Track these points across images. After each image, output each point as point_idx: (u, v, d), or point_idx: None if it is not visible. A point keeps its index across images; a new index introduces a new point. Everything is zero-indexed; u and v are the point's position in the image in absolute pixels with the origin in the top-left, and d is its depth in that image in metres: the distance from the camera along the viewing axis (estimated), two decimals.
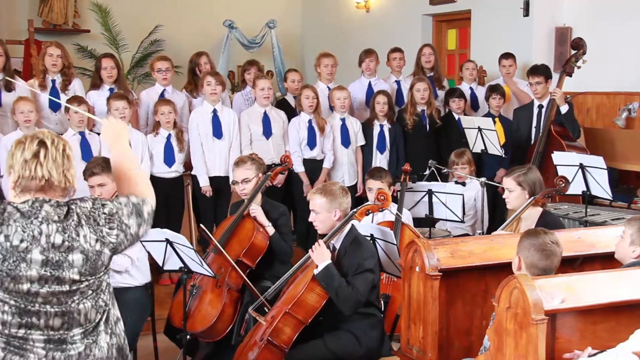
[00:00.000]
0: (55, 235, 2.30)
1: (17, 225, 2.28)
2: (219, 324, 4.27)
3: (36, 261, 2.28)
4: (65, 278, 2.32)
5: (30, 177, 2.35)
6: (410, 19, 9.31)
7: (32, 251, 2.28)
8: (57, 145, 2.42)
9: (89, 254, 2.35)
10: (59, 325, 2.34)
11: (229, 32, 10.26)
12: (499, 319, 2.89)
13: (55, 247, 2.30)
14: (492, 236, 3.96)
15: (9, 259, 2.26)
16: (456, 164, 5.98)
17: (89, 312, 2.40)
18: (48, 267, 2.29)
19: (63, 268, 2.31)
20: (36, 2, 9.50)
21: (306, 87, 6.46)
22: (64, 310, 2.34)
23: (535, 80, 6.46)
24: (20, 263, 2.26)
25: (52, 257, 2.30)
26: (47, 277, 2.30)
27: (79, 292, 2.36)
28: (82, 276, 2.35)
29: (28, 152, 2.36)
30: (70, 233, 2.33)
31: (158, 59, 6.58)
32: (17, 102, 5.59)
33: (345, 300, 3.61)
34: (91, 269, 2.37)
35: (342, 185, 4.13)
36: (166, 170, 5.89)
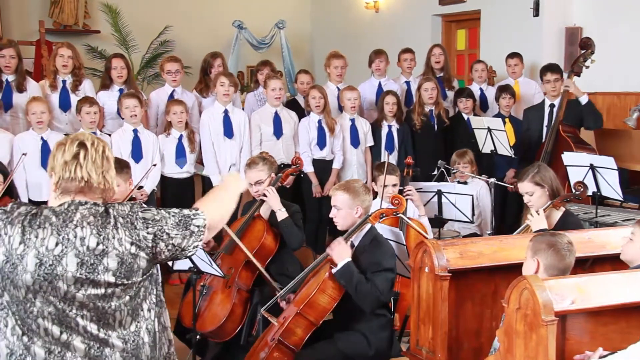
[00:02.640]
0: (90, 238, 2.28)
1: (52, 229, 2.27)
2: (229, 324, 4.28)
3: (72, 264, 2.25)
4: (101, 281, 2.28)
5: (70, 179, 2.35)
6: (420, 19, 9.30)
7: (67, 254, 2.26)
8: (96, 147, 2.41)
9: (124, 257, 2.31)
10: (96, 330, 2.31)
11: (238, 32, 10.29)
12: (508, 320, 2.89)
13: (90, 250, 2.27)
14: (502, 237, 3.95)
15: (45, 263, 2.24)
16: (458, 164, 5.98)
17: (124, 319, 2.35)
18: (83, 270, 2.26)
19: (98, 271, 2.28)
20: (47, 3, 9.56)
21: (313, 88, 6.46)
22: (100, 314, 2.31)
23: (553, 77, 6.44)
24: (57, 267, 2.24)
25: (87, 260, 2.27)
26: (83, 280, 2.27)
27: (115, 296, 2.32)
28: (117, 279, 2.31)
29: (68, 154, 2.37)
30: (105, 235, 2.30)
31: (168, 60, 6.60)
32: (29, 102, 5.63)
33: (365, 297, 3.60)
34: (126, 272, 2.32)
35: (365, 183, 4.12)
36: (177, 170, 5.91)
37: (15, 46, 6.10)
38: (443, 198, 5.40)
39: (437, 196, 5.43)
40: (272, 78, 6.40)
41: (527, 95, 7.06)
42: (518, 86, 7.08)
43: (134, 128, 5.81)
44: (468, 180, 5.95)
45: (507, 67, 7.17)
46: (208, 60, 6.79)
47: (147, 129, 6.06)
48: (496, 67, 7.70)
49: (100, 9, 9.82)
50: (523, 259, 3.20)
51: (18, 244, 2.25)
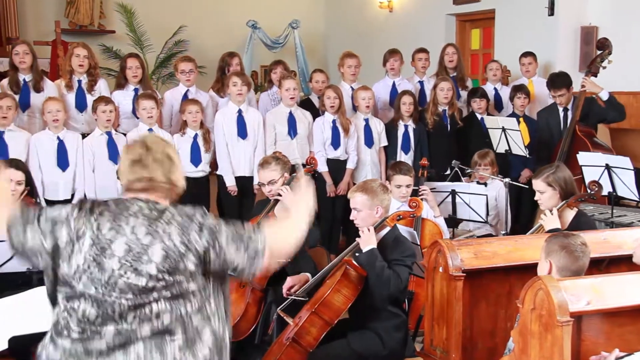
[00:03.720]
0: (140, 228, 2.35)
1: (110, 215, 2.37)
2: (243, 323, 4.29)
3: (120, 249, 2.33)
4: (143, 271, 2.32)
5: (137, 179, 2.45)
6: (434, 18, 9.28)
7: (117, 239, 2.34)
8: (160, 148, 2.50)
9: (170, 252, 2.34)
10: (131, 320, 2.35)
11: (252, 32, 10.32)
12: (523, 321, 2.88)
13: (138, 239, 2.34)
14: (517, 237, 3.94)
15: (97, 244, 2.33)
16: (479, 165, 5.96)
17: (162, 315, 2.36)
18: (129, 257, 2.32)
19: (142, 260, 2.32)
20: (63, 3, 9.63)
21: (328, 88, 6.46)
22: (137, 304, 2.34)
23: (558, 94, 6.43)
24: (106, 250, 2.33)
25: (134, 248, 2.33)
26: (127, 266, 2.32)
27: (155, 290, 2.34)
28: (159, 272, 2.33)
29: (132, 155, 2.47)
30: (155, 228, 2.35)
31: (182, 60, 6.61)
32: (46, 102, 5.67)
33: (386, 282, 3.61)
34: (170, 268, 2.33)
35: (382, 182, 4.13)
36: (192, 169, 5.93)
37: (28, 44, 6.15)
38: (457, 198, 5.39)
39: (451, 196, 5.42)
40: (286, 78, 6.40)
41: (541, 94, 7.02)
42: (532, 85, 7.05)
43: (149, 128, 5.83)
44: (488, 181, 5.93)
45: (521, 67, 7.15)
46: (226, 59, 6.80)
47: (162, 129, 6.08)
48: (510, 66, 7.67)
49: (115, 9, 9.89)
50: (538, 259, 3.19)
51: (79, 227, 2.37)
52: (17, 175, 4.36)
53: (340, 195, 6.34)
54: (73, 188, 5.66)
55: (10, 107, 5.50)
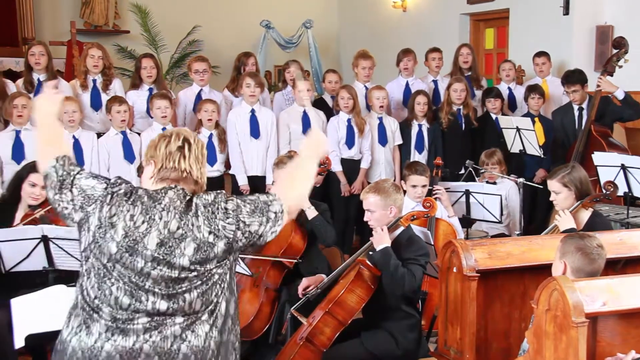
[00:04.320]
0: (172, 222, 2.40)
1: (142, 207, 2.41)
2: (257, 322, 4.30)
3: (152, 243, 2.38)
4: (176, 264, 2.39)
5: (173, 168, 2.50)
6: (448, 18, 9.26)
7: (150, 233, 2.38)
8: (198, 144, 2.59)
9: (201, 244, 2.41)
10: (165, 309, 2.40)
11: (266, 32, 10.33)
12: (538, 321, 2.86)
13: (170, 233, 2.39)
14: (531, 237, 3.92)
15: (130, 236, 2.38)
16: (486, 164, 5.93)
17: (194, 302, 2.43)
18: (162, 251, 2.38)
19: (175, 254, 2.39)
20: (78, 3, 9.69)
21: (343, 88, 6.45)
22: (170, 294, 2.40)
23: (571, 90, 6.40)
24: (139, 242, 2.37)
25: (167, 242, 2.39)
26: (160, 259, 2.38)
27: (187, 280, 2.41)
28: (192, 264, 2.40)
29: (173, 145, 2.52)
30: (186, 222, 2.41)
31: (195, 60, 6.64)
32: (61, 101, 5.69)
33: (400, 280, 3.61)
34: (202, 258, 2.42)
35: (394, 182, 4.12)
36: (207, 169, 5.92)
37: (44, 45, 6.19)
38: (471, 198, 5.37)
39: (465, 196, 5.40)
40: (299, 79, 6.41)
41: (555, 94, 6.99)
42: (546, 85, 7.02)
43: (163, 127, 5.86)
44: (497, 180, 5.90)
45: (535, 67, 7.12)
46: (242, 59, 6.81)
47: None
48: (525, 66, 7.63)
49: (129, 9, 9.93)
50: (553, 260, 3.17)
51: (112, 214, 2.40)
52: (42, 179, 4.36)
53: (354, 194, 6.34)
54: None
55: (25, 106, 5.55)
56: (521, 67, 7.63)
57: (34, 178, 4.30)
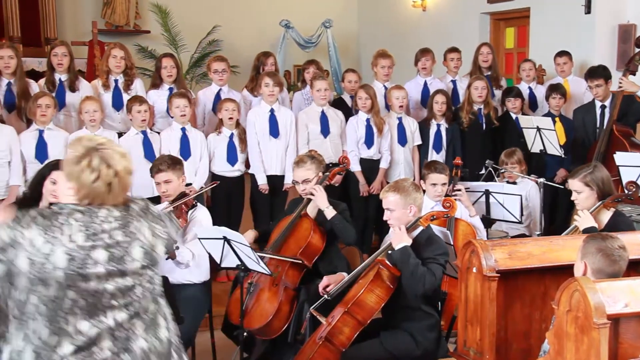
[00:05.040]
0: (115, 232, 2.39)
1: (79, 225, 2.35)
2: (276, 321, 4.31)
3: (101, 257, 2.34)
4: (128, 271, 2.40)
5: (89, 184, 2.39)
6: (468, 17, 9.22)
7: (96, 248, 2.34)
8: (108, 149, 2.45)
9: (147, 248, 2.45)
10: (126, 319, 2.39)
11: (285, 31, 10.35)
12: (559, 322, 2.84)
13: (117, 242, 2.38)
14: (552, 237, 3.89)
15: (76, 258, 2.31)
16: (506, 164, 5.89)
17: (148, 306, 2.47)
18: (113, 262, 2.36)
19: (125, 262, 2.39)
20: (99, 4, 9.77)
21: (361, 88, 6.44)
22: (127, 303, 2.40)
23: (594, 84, 6.35)
24: (87, 260, 2.32)
25: (116, 253, 2.37)
26: (113, 272, 2.36)
27: (140, 285, 2.44)
28: (143, 268, 2.44)
29: (83, 162, 2.39)
30: (130, 228, 2.42)
31: (214, 60, 6.65)
32: (83, 102, 5.75)
33: (420, 279, 3.60)
34: (151, 261, 2.46)
35: (413, 181, 4.11)
36: (229, 169, 5.97)
37: (67, 45, 6.25)
38: (491, 198, 5.34)
39: (484, 196, 5.37)
40: (318, 78, 6.40)
41: (577, 93, 6.94)
42: (567, 85, 6.96)
43: (182, 127, 5.89)
44: (517, 180, 5.87)
45: (556, 66, 7.07)
46: (261, 59, 6.82)
47: (195, 127, 6.13)
48: (546, 65, 7.58)
49: (150, 9, 10.00)
50: (574, 260, 3.15)
51: (42, 243, 2.29)
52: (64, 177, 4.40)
53: (373, 194, 6.33)
54: None
55: (49, 106, 5.60)
56: (542, 66, 7.58)
57: (55, 176, 4.34)
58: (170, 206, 4.33)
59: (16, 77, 5.97)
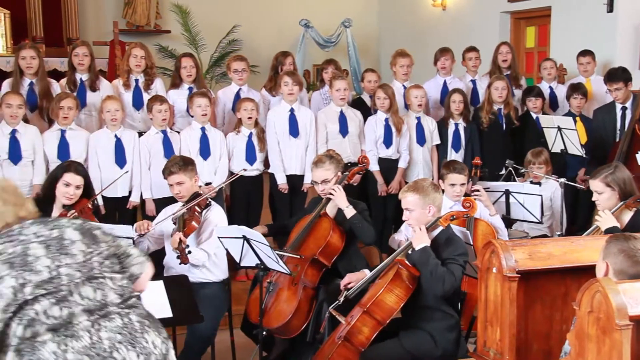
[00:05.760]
0: (39, 249, 2.41)
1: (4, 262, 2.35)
2: (295, 320, 4.32)
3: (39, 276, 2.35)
4: (73, 250, 2.43)
5: None
6: (488, 16, 9.18)
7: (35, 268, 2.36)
8: None
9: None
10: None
11: (305, 31, 10.36)
12: (580, 324, 2.82)
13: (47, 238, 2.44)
14: (573, 238, 3.86)
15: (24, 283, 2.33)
16: (532, 164, 5.85)
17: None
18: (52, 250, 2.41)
19: (64, 246, 2.43)
20: (121, 4, 9.85)
21: (379, 88, 6.44)
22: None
23: (614, 87, 6.29)
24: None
25: (51, 244, 2.42)
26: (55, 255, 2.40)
27: (88, 262, 2.45)
28: (87, 248, 2.48)
29: None
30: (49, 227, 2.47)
31: (234, 59, 6.67)
32: (104, 101, 5.80)
33: (440, 279, 3.60)
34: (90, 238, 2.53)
35: (432, 181, 4.11)
36: (247, 168, 5.99)
37: (88, 46, 6.30)
38: (511, 198, 5.32)
39: (504, 196, 5.35)
40: (336, 78, 6.40)
41: (599, 93, 6.88)
42: (590, 84, 6.91)
43: (202, 126, 5.91)
44: (542, 180, 5.82)
45: (579, 66, 7.01)
46: (279, 58, 6.84)
47: (214, 127, 6.16)
48: (567, 64, 7.53)
49: (170, 9, 10.06)
50: (595, 261, 3.12)
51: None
52: (77, 179, 4.42)
53: (391, 194, 6.33)
54: (130, 185, 5.77)
55: (72, 108, 5.64)
56: (563, 65, 7.52)
57: (67, 178, 4.38)
58: (183, 207, 4.36)
59: (38, 77, 6.03)
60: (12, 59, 7.04)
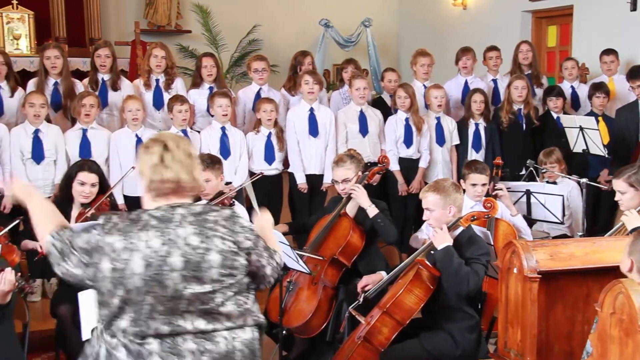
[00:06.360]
0: (192, 237, 2.35)
1: (155, 231, 2.34)
2: (314, 320, 4.32)
3: (177, 263, 2.32)
4: (205, 278, 2.36)
5: (161, 181, 2.41)
6: (509, 15, 9.13)
7: (172, 254, 2.32)
8: (179, 146, 2.45)
9: (226, 254, 2.39)
10: (204, 325, 2.38)
11: (325, 31, 10.36)
12: (602, 325, 2.80)
13: (193, 249, 2.34)
14: (595, 238, 3.83)
15: (153, 264, 2.31)
16: (544, 164, 5.81)
17: (231, 313, 2.43)
18: (189, 269, 2.33)
19: (202, 268, 2.35)
20: (142, 4, 9.91)
21: (400, 87, 6.43)
22: (207, 311, 2.38)
23: (636, 84, 6.22)
24: (163, 266, 2.32)
25: (192, 259, 2.34)
26: (189, 278, 2.33)
27: (220, 292, 2.39)
28: (221, 276, 2.38)
29: (154, 157, 2.42)
30: (205, 234, 2.37)
31: (254, 59, 6.70)
32: (126, 101, 5.84)
33: (464, 279, 3.58)
34: (229, 268, 2.40)
35: (454, 181, 4.09)
36: (266, 167, 6.00)
37: (110, 46, 6.35)
38: (532, 198, 5.28)
39: (525, 196, 5.31)
40: (357, 77, 6.40)
41: (622, 92, 6.81)
42: (613, 84, 6.85)
43: (222, 126, 5.94)
44: (558, 180, 5.78)
45: (603, 65, 6.94)
46: (298, 58, 6.86)
47: (235, 127, 6.18)
48: (589, 64, 7.46)
49: (191, 9, 10.10)
50: (618, 262, 3.08)
51: (121, 249, 2.31)
52: (91, 177, 4.44)
53: (411, 194, 6.31)
54: None
55: (93, 106, 5.69)
56: (585, 65, 7.46)
57: (82, 177, 4.40)
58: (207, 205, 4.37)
59: (62, 77, 6.09)
60: (35, 59, 7.13)
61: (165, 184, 2.42)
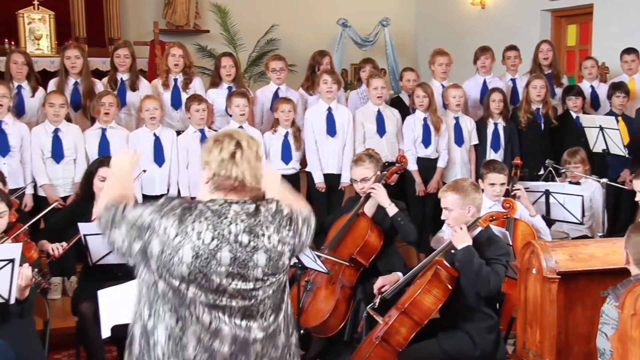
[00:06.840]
0: (242, 235, 2.36)
1: (208, 224, 2.35)
2: (332, 320, 4.33)
3: (225, 259, 2.33)
4: (250, 276, 2.37)
5: (225, 177, 2.41)
6: (528, 14, 9.07)
7: (222, 249, 2.33)
8: (251, 147, 2.45)
9: (272, 254, 2.40)
10: (239, 320, 2.39)
11: (343, 30, 10.35)
12: (623, 326, 2.78)
13: (242, 246, 2.36)
14: (615, 239, 3.81)
15: (201, 256, 2.32)
16: (568, 163, 5.76)
17: (266, 311, 2.44)
18: (235, 266, 2.35)
19: (248, 267, 2.36)
20: (161, 4, 9.96)
21: (418, 87, 6.41)
22: (247, 306, 2.39)
23: None
24: (212, 260, 2.33)
25: (240, 256, 2.35)
26: (234, 274, 2.35)
27: (261, 290, 2.40)
28: (265, 275, 2.39)
29: (225, 152, 2.42)
30: (255, 233, 2.38)
31: (272, 59, 6.71)
32: (144, 99, 5.88)
33: (485, 279, 3.56)
34: (273, 268, 2.40)
35: (473, 181, 4.08)
36: (283, 167, 6.01)
37: (129, 46, 6.40)
38: (551, 198, 5.25)
39: (544, 196, 5.28)
40: (374, 77, 6.39)
41: None
42: (633, 83, 6.79)
43: (240, 125, 5.95)
44: (581, 180, 5.73)
45: (623, 64, 6.88)
46: (316, 58, 6.86)
47: (253, 126, 6.20)
48: (609, 63, 7.40)
49: (210, 9, 10.13)
50: None
51: (174, 235, 2.32)
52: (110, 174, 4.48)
53: (430, 193, 6.29)
54: (168, 183, 5.85)
55: (112, 104, 5.74)
56: (605, 64, 7.40)
57: (103, 172, 4.42)
58: None
59: (82, 77, 6.14)
60: (56, 59, 7.18)
61: (228, 181, 2.42)
